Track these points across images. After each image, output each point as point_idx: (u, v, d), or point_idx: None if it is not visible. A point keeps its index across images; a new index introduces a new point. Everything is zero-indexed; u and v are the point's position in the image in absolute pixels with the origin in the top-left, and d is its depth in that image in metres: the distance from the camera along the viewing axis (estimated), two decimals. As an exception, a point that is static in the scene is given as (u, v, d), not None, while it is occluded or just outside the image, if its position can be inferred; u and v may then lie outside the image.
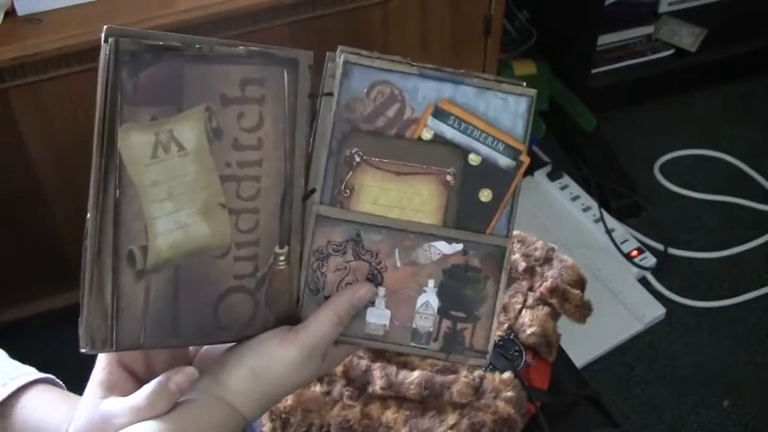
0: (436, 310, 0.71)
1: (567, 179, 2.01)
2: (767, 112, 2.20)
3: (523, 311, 0.98)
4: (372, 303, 0.71)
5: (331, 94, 0.69)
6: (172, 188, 0.65)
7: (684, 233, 1.93)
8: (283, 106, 0.67)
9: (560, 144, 2.09)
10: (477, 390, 0.90)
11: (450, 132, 0.69)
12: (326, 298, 0.70)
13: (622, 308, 1.77)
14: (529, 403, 0.92)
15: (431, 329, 0.72)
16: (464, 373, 0.91)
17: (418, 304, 0.71)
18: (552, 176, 2.01)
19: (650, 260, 1.86)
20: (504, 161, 0.70)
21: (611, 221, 1.92)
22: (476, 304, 0.72)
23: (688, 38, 2.15)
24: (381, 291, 0.71)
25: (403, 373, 0.90)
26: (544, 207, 1.95)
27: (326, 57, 0.70)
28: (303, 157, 0.68)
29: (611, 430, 1.00)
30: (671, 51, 2.16)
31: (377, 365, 0.91)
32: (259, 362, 0.68)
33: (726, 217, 1.97)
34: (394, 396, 0.90)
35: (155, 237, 0.64)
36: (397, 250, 0.70)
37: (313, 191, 0.69)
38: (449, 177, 0.70)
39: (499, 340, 0.95)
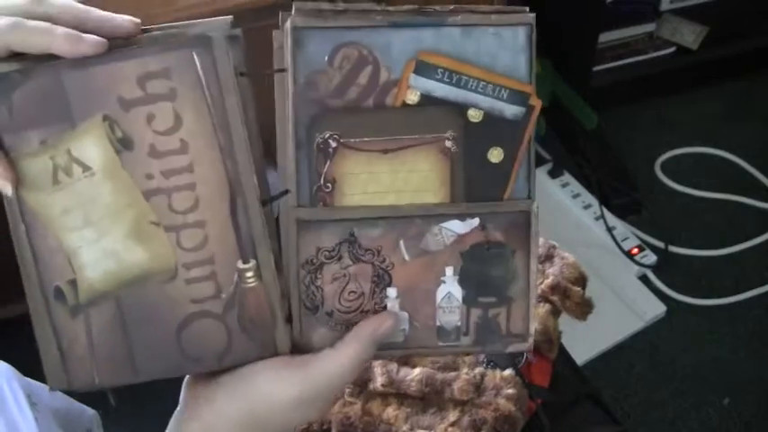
0: (461, 300, 0.62)
1: (567, 177, 2.01)
2: (768, 110, 2.20)
3: (524, 309, 0.98)
4: (385, 308, 0.62)
5: (284, 70, 0.57)
6: (87, 214, 0.57)
7: (685, 231, 1.94)
8: (204, 97, 0.56)
9: (561, 142, 2.09)
10: (478, 387, 0.90)
11: (440, 89, 0.58)
12: (328, 314, 0.61)
13: (623, 305, 1.77)
14: (530, 400, 0.93)
15: (458, 323, 0.63)
16: (465, 370, 0.91)
17: (439, 298, 0.62)
18: (553, 174, 2.01)
19: (651, 258, 1.86)
20: (511, 110, 0.59)
21: (612, 219, 1.92)
22: (506, 284, 0.62)
23: (689, 36, 2.15)
24: (393, 292, 0.62)
25: (404, 371, 0.90)
26: (545, 204, 1.95)
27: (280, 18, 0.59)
28: (247, 151, 0.57)
29: (612, 428, 1.00)
30: (672, 49, 2.16)
31: (377, 362, 0.91)
32: (250, 400, 0.58)
33: (727, 215, 1.97)
34: (395, 393, 0.90)
35: (81, 269, 0.58)
36: (402, 242, 0.60)
37: (285, 192, 0.59)
38: (448, 143, 0.59)
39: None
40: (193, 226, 0.58)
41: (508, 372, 0.91)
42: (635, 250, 1.87)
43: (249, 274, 0.59)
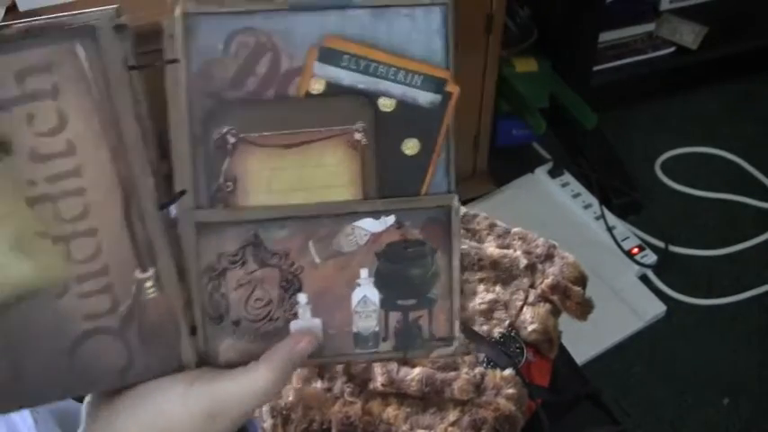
0: (378, 304, 0.58)
1: (567, 176, 2.01)
2: (768, 109, 2.20)
3: (524, 308, 0.98)
4: (295, 315, 0.57)
5: (176, 60, 0.52)
6: None
7: (685, 231, 1.94)
8: (90, 93, 0.51)
9: (561, 141, 2.10)
10: (479, 387, 0.90)
11: (347, 77, 0.54)
12: (235, 324, 0.57)
13: (623, 305, 1.77)
14: (530, 400, 0.92)
15: (376, 329, 0.59)
16: (465, 369, 0.91)
17: (354, 303, 0.58)
18: (553, 174, 2.01)
19: (651, 258, 1.86)
20: (426, 98, 0.55)
21: (612, 219, 1.92)
22: (426, 285, 0.58)
23: (689, 35, 2.15)
24: (303, 298, 0.57)
25: (404, 370, 0.90)
26: (545, 204, 1.95)
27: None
28: (140, 151, 0.52)
29: (612, 427, 1.00)
30: (672, 49, 2.16)
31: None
32: (153, 419, 0.54)
33: (726, 214, 1.97)
34: (395, 393, 0.90)
35: None
36: (311, 243, 0.56)
37: (182, 193, 0.54)
38: (358, 135, 0.55)
39: (500, 337, 0.95)
40: (84, 235, 0.53)
41: (508, 371, 0.91)
42: (635, 250, 1.87)
43: (148, 284, 0.54)
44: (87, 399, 0.57)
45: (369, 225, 0.57)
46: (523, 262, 1.02)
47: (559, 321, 1.01)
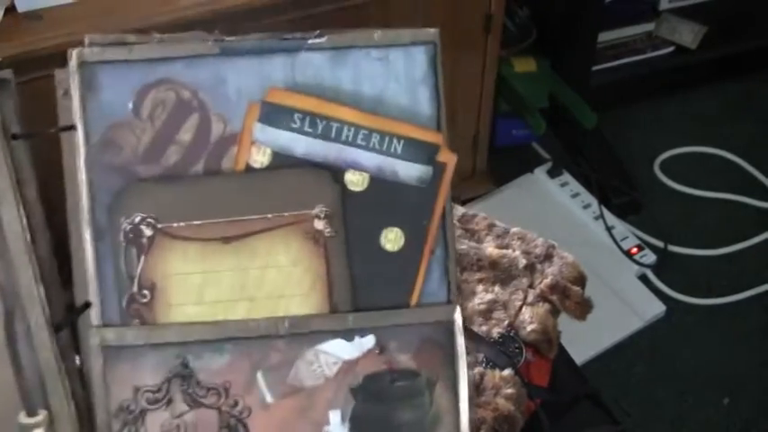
0: None
1: (567, 176, 2.01)
2: (767, 109, 2.20)
3: (524, 308, 0.98)
4: None
5: (72, 127, 0.40)
6: None
7: (684, 230, 1.93)
8: None
9: (561, 141, 2.09)
10: (478, 387, 0.90)
11: (300, 143, 0.39)
12: None
13: (622, 305, 1.77)
14: (529, 400, 0.92)
15: None
16: (464, 370, 0.91)
17: None
18: (552, 173, 2.01)
19: (650, 257, 1.85)
20: (410, 171, 0.40)
21: (612, 219, 1.92)
22: (425, 429, 0.42)
23: (688, 35, 2.15)
24: None
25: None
26: (544, 204, 1.95)
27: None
28: (25, 249, 0.38)
29: (612, 427, 1.00)
30: (671, 49, 2.16)
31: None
32: None
33: (726, 214, 1.97)
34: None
35: None
36: (260, 375, 0.41)
37: (85, 306, 0.40)
38: (319, 223, 0.40)
39: (499, 337, 0.95)
40: None
41: (507, 372, 0.91)
42: (634, 250, 1.87)
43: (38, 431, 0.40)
44: None
45: (339, 349, 0.41)
46: (522, 262, 1.02)
47: (559, 321, 1.00)
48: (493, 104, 1.87)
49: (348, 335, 0.41)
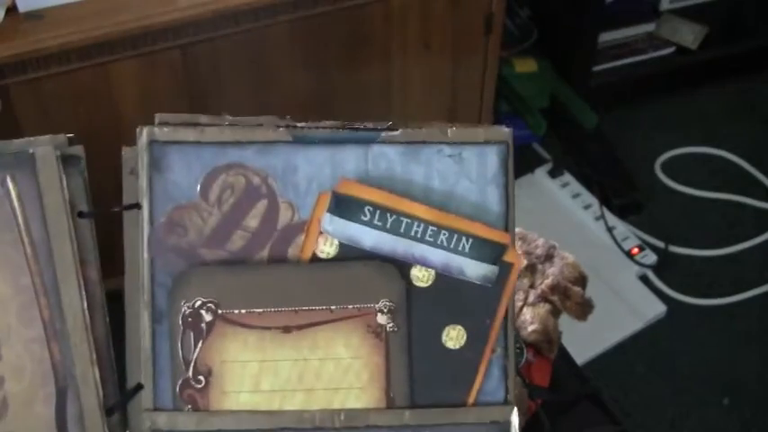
0: None
1: (567, 177, 2.01)
2: (768, 109, 2.20)
3: (524, 309, 0.98)
4: None
5: (137, 206, 0.38)
6: None
7: (685, 231, 1.93)
8: (20, 242, 0.37)
9: (561, 142, 2.09)
10: (478, 387, 0.90)
11: (368, 236, 0.39)
12: None
13: (623, 305, 1.77)
14: (530, 400, 0.92)
15: None
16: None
17: None
18: (553, 174, 2.01)
19: (651, 258, 1.85)
20: (476, 270, 0.39)
21: (612, 219, 1.92)
22: None
23: (689, 35, 2.15)
24: None
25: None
26: (545, 205, 1.95)
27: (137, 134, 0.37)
28: (86, 329, 0.37)
29: (612, 428, 1.00)
30: (672, 49, 2.15)
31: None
32: None
33: (727, 215, 1.97)
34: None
35: None
36: None
37: (138, 389, 0.39)
38: (382, 318, 0.39)
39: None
40: None
41: (508, 372, 0.91)
42: (635, 250, 1.87)
43: None
44: None
45: None
46: (523, 262, 1.02)
47: (559, 321, 1.00)
48: (493, 105, 1.87)
49: (404, 431, 0.40)
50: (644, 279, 1.84)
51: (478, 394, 0.41)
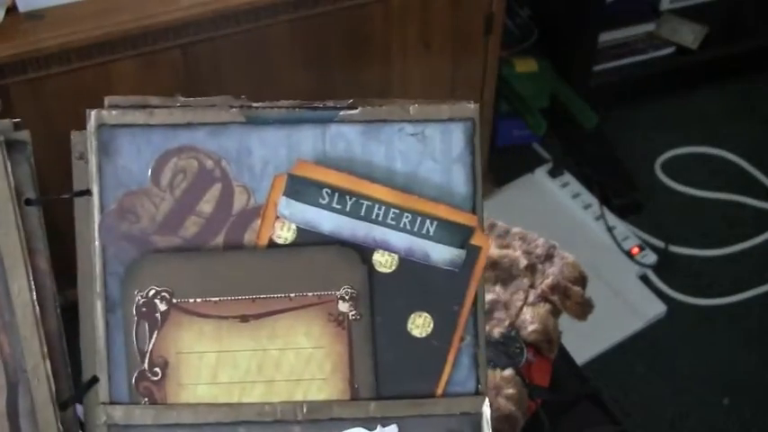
0: None
1: (567, 176, 2.01)
2: (768, 109, 2.20)
3: (524, 309, 0.98)
4: None
5: (87, 192, 0.38)
6: None
7: (685, 231, 1.93)
8: None
9: (561, 142, 2.09)
10: (479, 387, 0.90)
11: (327, 220, 0.37)
12: None
13: (623, 305, 1.77)
14: (530, 400, 0.92)
15: None
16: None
17: None
18: (553, 174, 2.01)
19: (651, 258, 1.85)
20: (442, 254, 0.37)
21: (612, 219, 1.92)
22: None
23: (689, 35, 2.15)
24: None
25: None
26: (545, 204, 1.95)
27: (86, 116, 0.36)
28: (34, 322, 0.36)
29: (612, 427, 1.00)
30: (672, 49, 2.15)
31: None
32: None
33: (727, 215, 1.97)
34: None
35: None
36: None
37: (92, 382, 0.38)
38: (343, 305, 0.38)
39: (500, 337, 0.95)
40: None
41: (508, 372, 0.91)
42: (635, 250, 1.87)
43: None
44: None
45: None
46: (523, 262, 1.02)
47: (559, 321, 1.01)
48: (494, 105, 1.87)
49: (369, 423, 0.38)
50: (644, 279, 1.84)
51: (447, 384, 0.39)
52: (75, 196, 0.37)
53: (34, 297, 0.36)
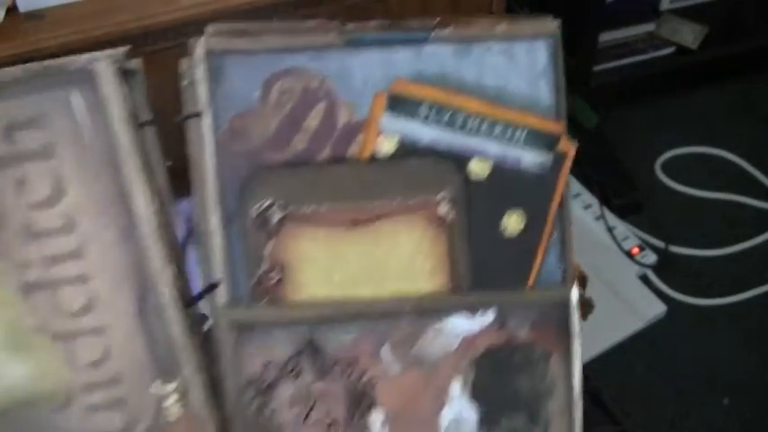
0: (475, 425, 0.44)
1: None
2: (768, 109, 2.20)
3: (524, 309, 0.98)
4: None
5: (198, 114, 0.40)
6: None
7: (685, 231, 1.93)
8: (90, 154, 0.40)
9: (561, 141, 2.10)
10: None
11: (426, 133, 0.40)
12: None
13: (623, 305, 1.77)
14: (530, 400, 0.92)
15: None
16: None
17: (443, 425, 0.44)
18: (553, 174, 2.01)
19: (651, 258, 1.86)
20: (532, 159, 0.42)
21: (612, 219, 1.92)
22: (540, 399, 0.44)
23: (689, 35, 2.15)
24: (378, 417, 0.43)
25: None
26: (545, 204, 1.95)
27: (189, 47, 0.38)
28: (158, 230, 0.40)
29: (612, 427, 1.00)
30: (672, 49, 2.16)
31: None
32: None
33: (727, 215, 1.97)
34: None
35: None
36: (386, 348, 0.43)
37: (214, 286, 0.42)
38: (443, 209, 0.42)
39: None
40: (90, 333, 0.42)
41: (508, 371, 0.91)
42: (635, 250, 1.87)
43: (172, 400, 0.42)
44: None
45: (461, 325, 0.44)
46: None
47: (559, 321, 1.01)
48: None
49: (470, 311, 0.43)
50: (644, 279, 1.84)
51: (538, 276, 0.43)
52: (187, 119, 0.40)
53: (156, 210, 0.40)
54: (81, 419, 0.41)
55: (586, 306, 1.02)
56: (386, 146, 0.42)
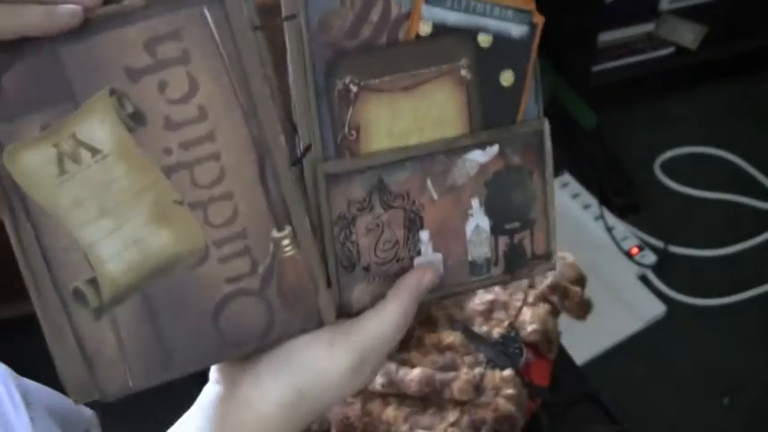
0: (489, 231, 0.61)
1: (567, 177, 2.01)
2: (767, 109, 2.20)
3: (524, 309, 0.98)
4: (419, 253, 0.59)
5: (294, 16, 0.54)
6: (103, 202, 0.52)
7: (685, 231, 1.94)
8: (220, 56, 0.52)
9: (561, 141, 2.09)
10: (478, 387, 0.90)
11: (451, 17, 0.57)
12: (365, 269, 0.58)
13: (622, 306, 1.77)
14: (529, 401, 0.92)
15: (488, 255, 0.62)
16: (464, 370, 0.91)
17: (468, 232, 0.60)
18: (553, 174, 2.01)
19: (650, 258, 1.86)
20: (517, 30, 0.58)
21: (612, 219, 1.92)
22: (527, 207, 0.62)
23: (688, 36, 2.15)
24: (426, 235, 0.59)
25: (403, 371, 0.90)
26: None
27: None
28: (271, 109, 0.53)
29: (612, 427, 1.00)
30: (671, 49, 2.16)
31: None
32: (301, 378, 0.55)
33: (726, 215, 1.97)
34: (395, 393, 0.90)
35: (101, 264, 0.52)
36: (429, 181, 0.58)
37: (308, 148, 0.56)
38: (463, 72, 0.58)
39: (500, 338, 0.95)
40: (221, 199, 0.53)
41: (508, 372, 0.91)
42: (634, 250, 1.87)
43: (286, 242, 0.55)
44: (216, 367, 0.57)
45: (477, 156, 0.59)
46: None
47: (559, 321, 1.01)
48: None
49: (482, 146, 0.59)
50: (643, 279, 1.84)
51: (524, 114, 0.60)
52: (288, 20, 0.54)
53: (269, 93, 0.53)
54: (217, 268, 0.54)
55: (586, 306, 1.02)
56: (425, 29, 0.56)
